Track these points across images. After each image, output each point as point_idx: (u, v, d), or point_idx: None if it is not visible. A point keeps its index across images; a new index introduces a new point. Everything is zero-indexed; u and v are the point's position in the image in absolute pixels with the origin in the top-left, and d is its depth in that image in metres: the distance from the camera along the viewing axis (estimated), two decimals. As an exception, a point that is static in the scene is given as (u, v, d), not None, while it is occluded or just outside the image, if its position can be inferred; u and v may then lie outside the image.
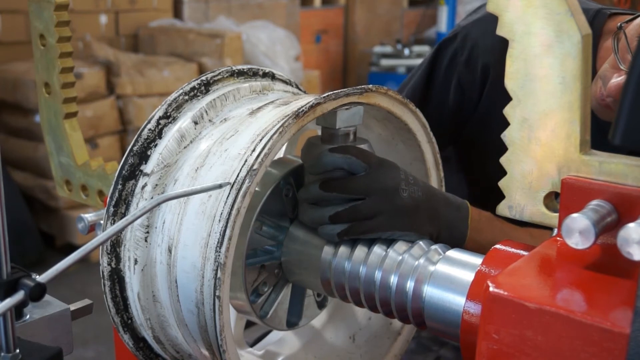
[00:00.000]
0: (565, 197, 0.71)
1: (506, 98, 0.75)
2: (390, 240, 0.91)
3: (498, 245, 0.81)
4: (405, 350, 1.12)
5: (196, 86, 0.94)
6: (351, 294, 0.92)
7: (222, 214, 0.78)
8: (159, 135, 0.90)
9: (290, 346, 1.14)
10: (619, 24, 1.24)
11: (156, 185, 0.88)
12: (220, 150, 0.86)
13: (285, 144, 1.10)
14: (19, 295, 0.63)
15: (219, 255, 0.77)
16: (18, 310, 0.82)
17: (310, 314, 1.06)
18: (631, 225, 0.58)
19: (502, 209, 0.79)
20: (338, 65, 7.26)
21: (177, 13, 5.52)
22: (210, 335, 0.81)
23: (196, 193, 0.78)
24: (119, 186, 0.88)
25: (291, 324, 1.03)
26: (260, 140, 0.81)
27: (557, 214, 0.74)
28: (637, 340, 0.55)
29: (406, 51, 6.57)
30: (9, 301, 0.63)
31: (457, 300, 0.80)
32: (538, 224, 0.77)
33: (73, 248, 1.98)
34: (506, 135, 0.76)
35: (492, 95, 1.42)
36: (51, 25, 1.14)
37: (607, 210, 0.66)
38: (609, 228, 0.66)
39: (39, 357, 0.73)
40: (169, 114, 0.91)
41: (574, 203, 0.70)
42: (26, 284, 0.64)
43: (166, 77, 4.47)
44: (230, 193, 0.78)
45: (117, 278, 0.88)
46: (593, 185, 0.69)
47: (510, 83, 0.75)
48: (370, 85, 0.91)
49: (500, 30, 0.74)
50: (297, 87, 1.07)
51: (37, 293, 0.64)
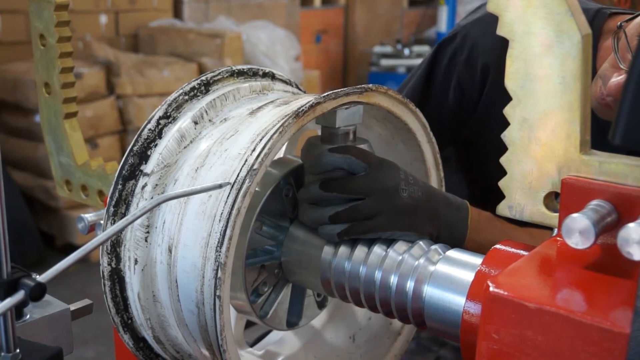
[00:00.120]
0: (565, 197, 0.71)
1: (506, 98, 0.75)
2: (390, 240, 0.91)
3: (498, 245, 0.81)
4: (405, 351, 1.12)
5: (196, 86, 0.94)
6: (351, 294, 0.92)
7: (223, 213, 0.78)
8: (159, 135, 0.90)
9: (290, 346, 1.14)
10: (619, 23, 1.24)
11: (156, 185, 0.88)
12: (220, 150, 0.86)
13: (285, 144, 1.10)
14: (19, 295, 0.63)
15: (220, 255, 0.77)
16: (18, 310, 0.82)
17: (310, 314, 1.06)
18: (631, 225, 0.58)
19: (502, 209, 0.79)
20: (338, 65, 7.26)
21: (177, 13, 5.52)
22: (211, 335, 0.81)
23: (196, 193, 0.78)
24: (119, 186, 0.88)
25: (291, 324, 1.03)
26: (261, 140, 0.81)
27: (557, 214, 0.74)
28: (637, 340, 0.55)
29: (406, 51, 6.57)
30: (9, 301, 0.63)
31: (457, 300, 0.80)
32: (538, 224, 0.77)
33: (73, 248, 1.98)
34: (506, 135, 0.76)
35: (492, 95, 1.42)
36: (51, 25, 1.14)
37: (607, 210, 0.66)
38: (609, 228, 0.66)
39: (39, 357, 0.73)
40: (169, 114, 0.91)
41: (574, 203, 0.70)
42: (26, 283, 0.64)
43: (166, 77, 4.47)
44: (230, 193, 0.78)
45: (117, 278, 0.88)
46: (593, 185, 0.69)
47: (510, 83, 0.75)
48: (370, 85, 0.91)
49: (500, 30, 0.74)
50: (297, 87, 1.07)
51: (37, 293, 0.64)
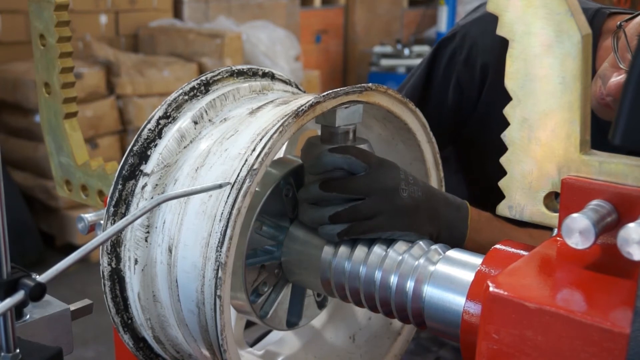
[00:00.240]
0: (565, 197, 0.71)
1: (505, 97, 0.75)
2: (390, 240, 0.91)
3: (498, 245, 0.81)
4: (405, 351, 1.12)
5: (196, 86, 0.94)
6: (351, 294, 0.92)
7: (223, 213, 0.78)
8: (159, 135, 0.90)
9: (290, 346, 1.14)
10: (618, 22, 1.24)
11: (156, 185, 0.88)
12: (221, 150, 0.86)
13: (285, 144, 1.10)
14: (19, 295, 0.63)
15: (220, 255, 0.77)
16: (18, 310, 0.82)
17: (310, 314, 1.06)
18: (631, 225, 0.58)
19: (502, 209, 0.79)
20: (338, 65, 7.26)
21: (177, 13, 5.52)
22: (211, 335, 0.81)
23: (196, 193, 0.78)
24: (119, 186, 0.88)
25: (291, 324, 1.03)
26: (261, 139, 0.81)
27: (557, 214, 0.74)
28: (637, 340, 0.55)
29: (406, 51, 6.57)
30: (9, 301, 0.63)
31: (457, 300, 0.80)
32: (538, 224, 0.77)
33: (73, 248, 1.98)
34: (506, 135, 0.76)
35: (491, 94, 1.41)
36: (51, 25, 1.14)
37: (607, 210, 0.66)
38: (609, 228, 0.66)
39: (39, 357, 0.73)
40: (168, 114, 0.91)
41: (574, 203, 0.70)
42: (26, 284, 0.64)
43: (166, 77, 4.47)
44: (230, 193, 0.78)
45: (117, 278, 0.88)
46: (593, 185, 0.69)
47: (510, 83, 0.75)
48: (370, 84, 0.91)
49: (500, 30, 0.74)
50: (297, 87, 1.07)
51: (37, 293, 0.64)
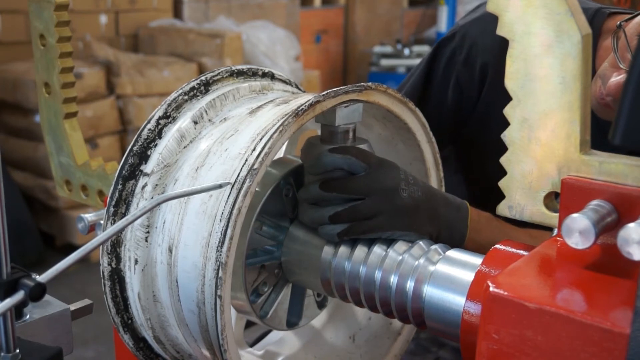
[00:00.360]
0: (565, 197, 0.71)
1: (505, 97, 0.75)
2: (390, 240, 0.91)
3: (498, 245, 0.81)
4: (405, 351, 1.12)
5: (196, 86, 0.94)
6: (351, 294, 0.92)
7: (223, 213, 0.78)
8: (159, 135, 0.90)
9: (290, 346, 1.14)
10: (618, 22, 1.24)
11: (156, 185, 0.88)
12: (221, 149, 0.86)
13: (285, 144, 1.10)
14: (19, 295, 0.63)
15: (220, 254, 0.77)
16: (18, 310, 0.82)
17: (310, 314, 1.06)
18: (631, 225, 0.58)
19: (502, 209, 0.79)
20: (338, 65, 7.26)
21: (177, 13, 5.52)
22: (211, 335, 0.81)
23: (196, 193, 0.78)
24: (119, 186, 0.88)
25: (291, 324, 1.03)
26: (261, 139, 0.81)
27: (557, 214, 0.74)
28: (637, 340, 0.55)
29: (406, 51, 6.57)
30: (9, 301, 0.63)
31: (457, 300, 0.80)
32: (538, 224, 0.77)
33: (73, 248, 1.98)
34: (506, 135, 0.76)
35: (491, 94, 1.41)
36: (51, 25, 1.14)
37: (607, 210, 0.66)
38: (609, 228, 0.66)
39: (39, 357, 0.73)
40: (168, 114, 0.91)
41: (574, 203, 0.70)
42: (26, 284, 0.64)
43: (166, 77, 4.47)
44: (231, 193, 0.78)
45: (118, 278, 0.88)
46: (593, 185, 0.69)
47: (510, 83, 0.75)
48: (370, 83, 0.92)
49: (500, 30, 0.74)
50: (297, 87, 1.06)
51: (37, 293, 0.64)
